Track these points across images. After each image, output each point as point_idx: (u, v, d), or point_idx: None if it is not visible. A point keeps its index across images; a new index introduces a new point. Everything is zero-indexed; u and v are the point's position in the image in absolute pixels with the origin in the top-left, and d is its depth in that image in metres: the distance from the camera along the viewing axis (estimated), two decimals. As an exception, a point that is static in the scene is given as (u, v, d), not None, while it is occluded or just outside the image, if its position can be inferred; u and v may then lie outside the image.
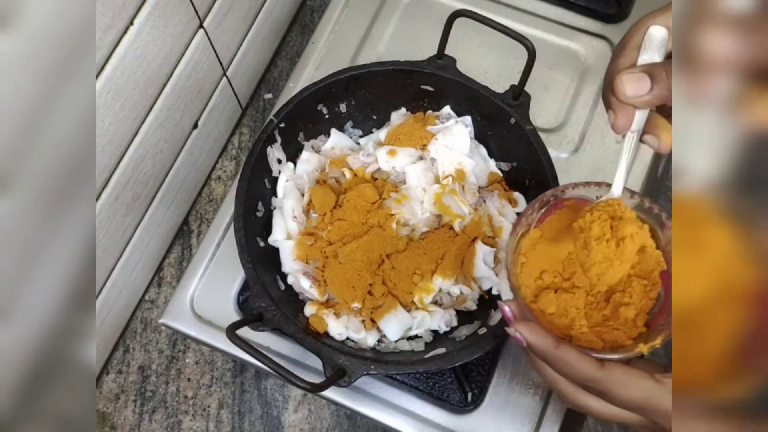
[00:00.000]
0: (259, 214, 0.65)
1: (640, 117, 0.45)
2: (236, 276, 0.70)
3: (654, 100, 0.44)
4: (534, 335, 0.45)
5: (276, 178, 0.67)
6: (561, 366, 0.45)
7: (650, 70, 0.43)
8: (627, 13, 0.79)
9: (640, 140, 0.46)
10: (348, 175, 0.66)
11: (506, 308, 0.48)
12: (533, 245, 0.50)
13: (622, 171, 0.47)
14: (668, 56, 0.45)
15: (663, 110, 0.47)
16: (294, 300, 0.63)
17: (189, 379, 0.77)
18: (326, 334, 0.60)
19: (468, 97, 0.66)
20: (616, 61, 0.45)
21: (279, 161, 0.66)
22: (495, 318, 0.60)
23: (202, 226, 0.83)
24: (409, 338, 0.62)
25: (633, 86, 0.43)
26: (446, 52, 0.65)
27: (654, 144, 0.46)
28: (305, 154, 0.68)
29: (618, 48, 0.46)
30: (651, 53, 0.44)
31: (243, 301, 0.70)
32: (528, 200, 0.64)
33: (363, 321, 0.62)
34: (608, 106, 0.45)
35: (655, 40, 0.44)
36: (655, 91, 0.43)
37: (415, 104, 0.69)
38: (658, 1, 0.81)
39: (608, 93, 0.45)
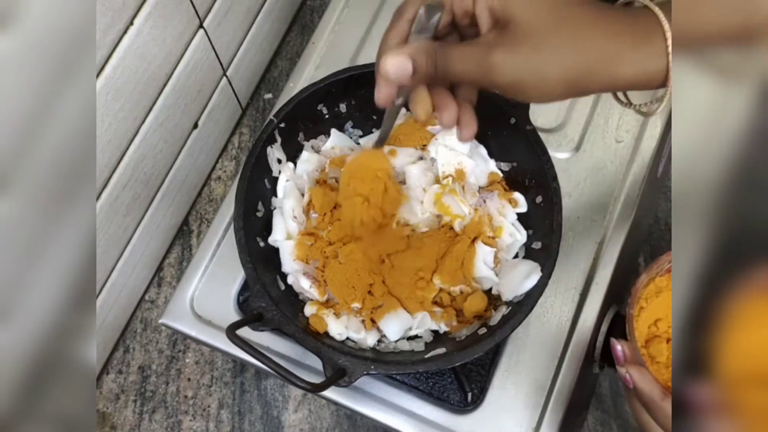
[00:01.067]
0: (259, 214, 0.65)
1: (404, 90, 0.47)
2: (236, 276, 0.70)
3: (415, 84, 0.46)
4: (643, 380, 0.47)
5: (276, 178, 0.67)
6: (662, 418, 0.46)
7: (414, 54, 0.44)
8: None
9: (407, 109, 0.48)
10: (348, 175, 0.66)
11: (618, 347, 0.50)
12: (657, 292, 0.50)
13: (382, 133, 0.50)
14: (437, 36, 0.46)
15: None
16: (294, 300, 0.63)
17: (189, 379, 0.77)
18: (326, 334, 0.60)
19: (468, 97, 0.66)
20: (387, 35, 0.46)
21: (279, 161, 0.66)
22: (495, 318, 0.60)
23: (202, 226, 0.83)
24: (409, 338, 0.62)
25: (396, 69, 0.44)
26: (446, 52, 0.65)
27: (415, 114, 0.49)
28: (305, 154, 0.68)
29: (393, 19, 0.47)
30: (420, 33, 0.45)
31: (243, 301, 0.70)
32: (528, 200, 0.64)
33: (363, 321, 0.62)
34: (377, 78, 0.47)
35: (423, 20, 0.45)
36: (416, 77, 0.44)
37: (415, 104, 0.69)
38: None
39: (377, 68, 0.46)
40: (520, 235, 0.63)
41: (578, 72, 0.42)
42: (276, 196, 0.67)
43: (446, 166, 0.65)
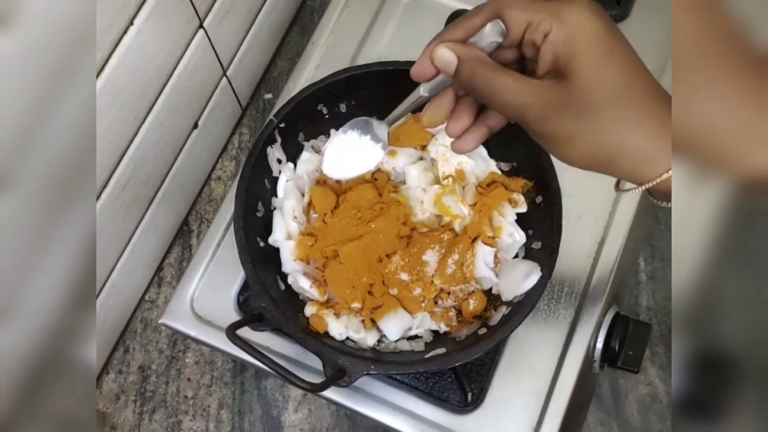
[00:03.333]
0: (259, 214, 0.65)
1: (438, 82, 0.46)
2: (236, 276, 0.70)
3: (449, 84, 0.46)
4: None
5: (276, 178, 0.67)
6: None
7: (465, 58, 0.43)
8: (627, 13, 0.78)
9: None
10: (348, 175, 0.66)
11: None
12: None
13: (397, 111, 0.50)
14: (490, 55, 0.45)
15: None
16: (294, 300, 0.63)
17: (189, 379, 0.77)
18: (326, 334, 0.60)
19: (468, 97, 0.66)
20: (452, 28, 0.45)
21: (279, 161, 0.66)
22: (495, 318, 0.60)
23: (202, 226, 0.83)
24: (409, 338, 0.62)
25: (442, 59, 0.44)
26: (446, 52, 0.65)
27: (421, 118, 0.49)
28: (305, 155, 0.68)
29: (462, 18, 0.46)
30: (477, 44, 0.44)
31: (243, 301, 0.70)
32: (528, 200, 0.64)
33: (363, 321, 0.62)
34: (423, 52, 0.46)
35: (486, 36, 0.44)
36: (455, 79, 0.44)
37: (415, 104, 0.69)
38: (657, 2, 0.81)
39: (428, 44, 0.46)
40: (519, 236, 0.63)
41: (608, 158, 0.41)
42: (276, 196, 0.67)
43: (446, 166, 0.65)
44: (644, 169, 0.41)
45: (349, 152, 0.53)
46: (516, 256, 0.64)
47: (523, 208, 0.64)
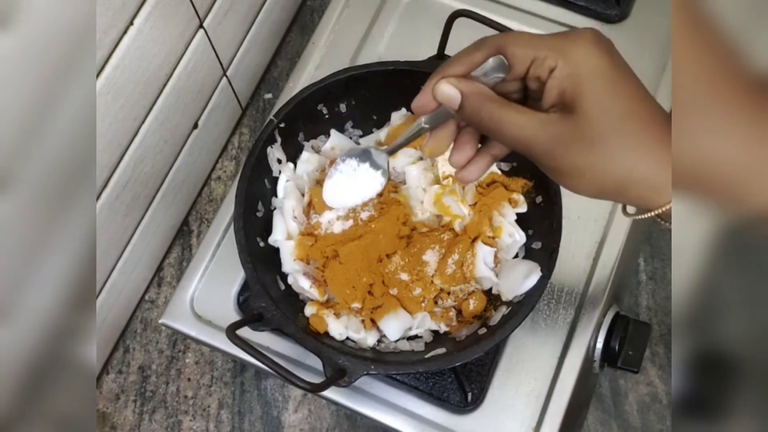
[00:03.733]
0: (259, 214, 0.65)
1: (440, 113, 0.46)
2: (236, 276, 0.70)
3: (452, 119, 0.46)
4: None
5: (276, 178, 0.67)
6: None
7: (469, 95, 0.43)
8: (627, 13, 0.78)
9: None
10: (348, 175, 0.66)
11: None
12: None
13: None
14: (493, 88, 0.45)
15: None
16: (294, 300, 0.63)
17: (189, 379, 0.77)
18: (326, 334, 0.60)
19: (468, 97, 0.66)
20: (455, 60, 0.45)
21: (279, 161, 0.66)
22: (495, 318, 0.60)
23: (202, 226, 0.83)
24: (409, 338, 0.62)
25: (445, 96, 0.44)
26: (446, 52, 0.65)
27: (423, 149, 0.48)
28: (305, 155, 0.68)
29: (466, 50, 0.45)
30: (481, 77, 0.44)
31: (243, 301, 0.70)
32: (528, 200, 0.64)
33: (363, 321, 0.62)
34: (424, 86, 0.46)
35: (489, 71, 0.44)
36: (459, 115, 0.44)
37: (415, 104, 0.69)
38: (657, 2, 0.81)
39: (430, 78, 0.45)
40: (519, 236, 0.63)
41: (616, 188, 0.41)
42: (276, 196, 0.67)
43: (446, 166, 0.65)
44: (652, 197, 0.41)
45: (349, 181, 0.53)
46: (516, 256, 0.64)
47: (523, 208, 0.64)
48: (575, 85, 0.41)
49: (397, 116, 0.69)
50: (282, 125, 0.65)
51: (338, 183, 0.53)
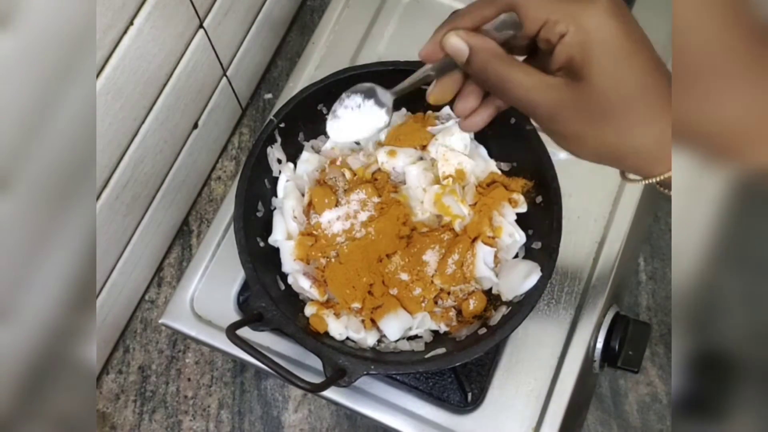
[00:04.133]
0: (259, 214, 0.65)
1: (446, 62, 0.45)
2: (236, 276, 0.70)
3: (457, 69, 0.45)
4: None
5: (276, 178, 0.67)
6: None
7: (478, 49, 0.43)
8: (627, 13, 0.78)
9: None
10: (348, 175, 0.66)
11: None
12: None
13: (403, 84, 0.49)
14: (502, 43, 0.44)
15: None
16: (294, 300, 0.63)
17: (189, 379, 0.77)
18: (326, 334, 0.60)
19: (468, 97, 0.66)
20: (465, 13, 0.45)
21: (279, 161, 0.66)
22: (495, 318, 0.60)
23: (202, 226, 0.83)
24: (409, 338, 0.62)
25: (453, 48, 0.43)
26: (446, 52, 0.65)
27: (427, 94, 0.48)
28: (305, 155, 0.68)
29: (477, 5, 0.45)
30: (491, 32, 0.44)
31: (243, 301, 0.70)
32: (528, 200, 0.64)
33: (363, 321, 0.62)
34: (433, 35, 0.45)
35: (500, 27, 0.44)
36: (465, 67, 0.44)
37: (415, 104, 0.69)
38: (658, 2, 0.81)
39: (439, 27, 0.45)
40: (519, 236, 0.63)
41: (616, 156, 0.42)
42: (276, 196, 0.67)
43: (446, 166, 0.65)
44: (651, 166, 0.41)
45: (353, 116, 0.52)
46: (516, 256, 0.64)
47: (523, 208, 0.64)
48: (585, 54, 0.40)
49: (397, 116, 0.69)
50: (282, 125, 0.65)
51: (342, 118, 0.53)
